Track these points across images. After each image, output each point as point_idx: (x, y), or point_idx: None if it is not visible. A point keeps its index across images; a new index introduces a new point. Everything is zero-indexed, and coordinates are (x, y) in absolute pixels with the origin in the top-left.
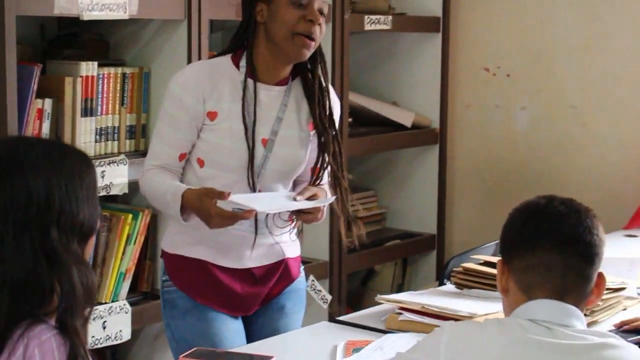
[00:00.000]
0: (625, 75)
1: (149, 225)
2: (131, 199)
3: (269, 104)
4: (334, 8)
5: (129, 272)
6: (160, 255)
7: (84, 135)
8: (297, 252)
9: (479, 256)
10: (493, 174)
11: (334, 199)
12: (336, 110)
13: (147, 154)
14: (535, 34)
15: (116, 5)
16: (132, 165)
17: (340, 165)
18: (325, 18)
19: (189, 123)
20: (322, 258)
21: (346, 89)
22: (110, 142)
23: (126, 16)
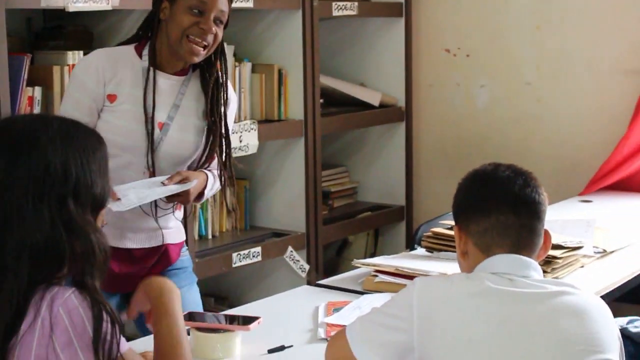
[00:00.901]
0: (576, 53)
1: None
2: None
3: (167, 91)
4: None
5: None
6: None
7: None
8: (181, 238)
9: (447, 222)
10: (456, 148)
11: (194, 184)
12: (231, 107)
13: None
14: (493, 16)
15: None
16: None
17: (227, 156)
18: (223, 24)
19: (89, 105)
20: (299, 230)
21: (317, 72)
22: None
23: (109, 7)
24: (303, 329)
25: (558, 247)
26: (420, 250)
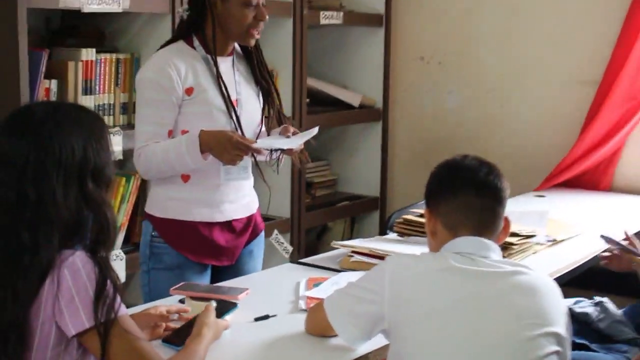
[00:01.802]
0: (537, 64)
1: (139, 187)
2: (125, 164)
3: (226, 72)
4: (294, 5)
5: (123, 226)
6: (144, 218)
7: None
8: (257, 206)
9: (416, 210)
10: (426, 146)
11: (316, 130)
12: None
13: (136, 139)
14: (463, 28)
15: (111, 0)
16: (126, 136)
17: (280, 105)
18: (265, 8)
19: (170, 101)
20: (285, 215)
21: (304, 74)
22: (107, 117)
23: (120, 9)
24: (286, 301)
25: (514, 235)
26: (392, 235)
